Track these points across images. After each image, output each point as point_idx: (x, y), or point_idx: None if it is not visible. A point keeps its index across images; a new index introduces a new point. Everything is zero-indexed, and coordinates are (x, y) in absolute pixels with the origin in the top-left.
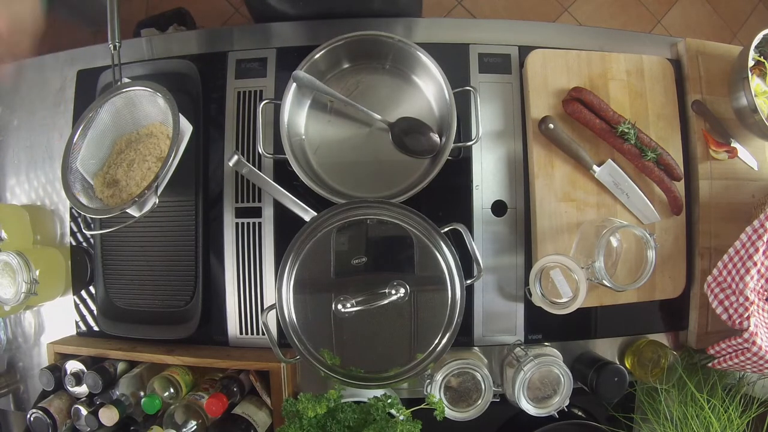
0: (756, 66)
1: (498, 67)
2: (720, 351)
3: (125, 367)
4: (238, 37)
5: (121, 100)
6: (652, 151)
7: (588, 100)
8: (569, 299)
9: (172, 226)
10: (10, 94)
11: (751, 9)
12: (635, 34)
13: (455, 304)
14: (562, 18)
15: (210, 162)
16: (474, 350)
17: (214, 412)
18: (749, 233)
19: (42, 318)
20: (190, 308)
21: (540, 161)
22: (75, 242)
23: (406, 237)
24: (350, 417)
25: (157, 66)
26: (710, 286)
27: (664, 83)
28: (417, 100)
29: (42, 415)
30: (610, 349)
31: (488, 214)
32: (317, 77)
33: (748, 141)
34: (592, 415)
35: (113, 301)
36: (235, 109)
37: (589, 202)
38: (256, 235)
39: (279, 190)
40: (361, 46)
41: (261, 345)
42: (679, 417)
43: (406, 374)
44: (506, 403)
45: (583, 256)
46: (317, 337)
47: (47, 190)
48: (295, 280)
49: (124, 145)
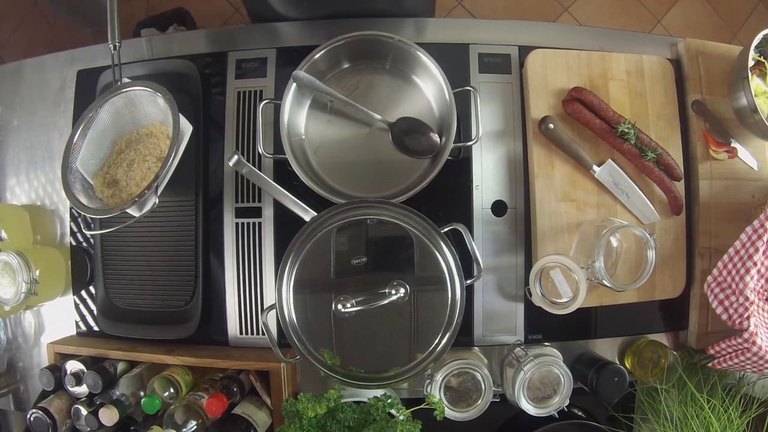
0: (756, 66)
1: (498, 67)
2: (720, 351)
3: (125, 367)
4: (238, 37)
5: (121, 100)
6: (652, 151)
7: (588, 100)
8: (569, 299)
9: (172, 226)
10: (10, 94)
11: (751, 9)
12: (635, 34)
13: (455, 304)
14: (562, 18)
15: (210, 162)
16: (474, 350)
17: (214, 412)
18: (749, 233)
19: (42, 318)
20: (190, 308)
21: (540, 161)
22: (75, 242)
23: (406, 237)
24: (350, 417)
25: (157, 66)
26: (710, 286)
27: (664, 83)
28: (417, 100)
29: (42, 415)
30: (610, 349)
31: (488, 214)
32: (317, 77)
33: (748, 141)
34: (592, 415)
35: (113, 301)
36: (235, 109)
37: (589, 202)
38: (256, 235)
39: (279, 190)
40: (361, 46)
41: (261, 345)
42: (679, 417)
43: (406, 374)
44: (506, 403)
45: (583, 256)
46: (317, 337)
47: (47, 190)
48: (295, 280)
49: (124, 145)
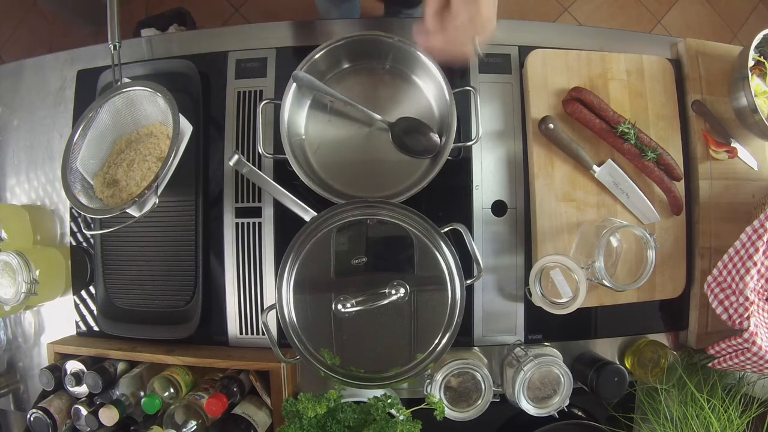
0: (756, 66)
1: (498, 67)
2: (720, 351)
3: (125, 367)
4: (238, 37)
5: (121, 100)
6: (652, 151)
7: (588, 100)
8: (569, 299)
9: (172, 226)
10: (10, 94)
11: (751, 9)
12: (635, 34)
13: (455, 304)
14: (562, 18)
15: (210, 162)
16: (474, 350)
17: (214, 412)
18: (749, 233)
19: (42, 318)
20: (190, 308)
21: (540, 161)
22: (75, 242)
23: (406, 237)
24: (350, 417)
25: (157, 66)
26: (710, 286)
27: (664, 83)
28: (417, 100)
29: (42, 415)
30: (610, 349)
31: (488, 214)
32: (317, 77)
33: (748, 141)
34: (592, 415)
35: (113, 301)
36: (235, 109)
37: (589, 202)
38: (256, 235)
39: (279, 190)
40: (361, 46)
41: (261, 345)
42: (679, 417)
43: (406, 374)
44: (506, 403)
45: (583, 256)
46: (317, 337)
47: (47, 190)
48: (295, 280)
49: (124, 145)
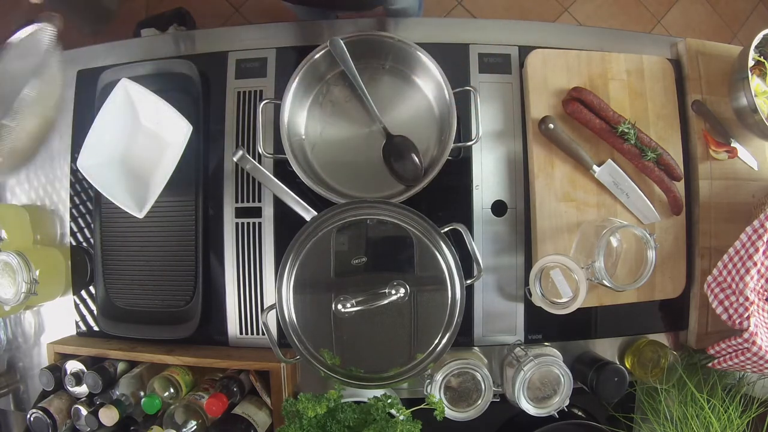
0: (756, 66)
1: (498, 67)
2: (720, 351)
3: (125, 367)
4: (238, 37)
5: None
6: (652, 151)
7: (588, 100)
8: (569, 299)
9: (172, 226)
10: None
11: (751, 9)
12: (635, 34)
13: (455, 304)
14: (562, 18)
15: (210, 162)
16: (474, 350)
17: (214, 412)
18: (749, 233)
19: (42, 318)
20: (190, 308)
21: (540, 161)
22: (75, 242)
23: (406, 237)
24: (350, 417)
25: (157, 66)
26: (710, 286)
27: (664, 83)
28: (417, 100)
29: (42, 415)
30: (610, 349)
31: (488, 214)
32: (317, 77)
33: (748, 141)
34: (592, 415)
35: (113, 301)
36: (235, 109)
37: (589, 202)
38: (256, 235)
39: (281, 188)
40: (361, 46)
41: (261, 345)
42: (679, 417)
43: (406, 374)
44: (506, 403)
45: (583, 256)
46: (317, 337)
47: (47, 190)
48: (295, 280)
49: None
